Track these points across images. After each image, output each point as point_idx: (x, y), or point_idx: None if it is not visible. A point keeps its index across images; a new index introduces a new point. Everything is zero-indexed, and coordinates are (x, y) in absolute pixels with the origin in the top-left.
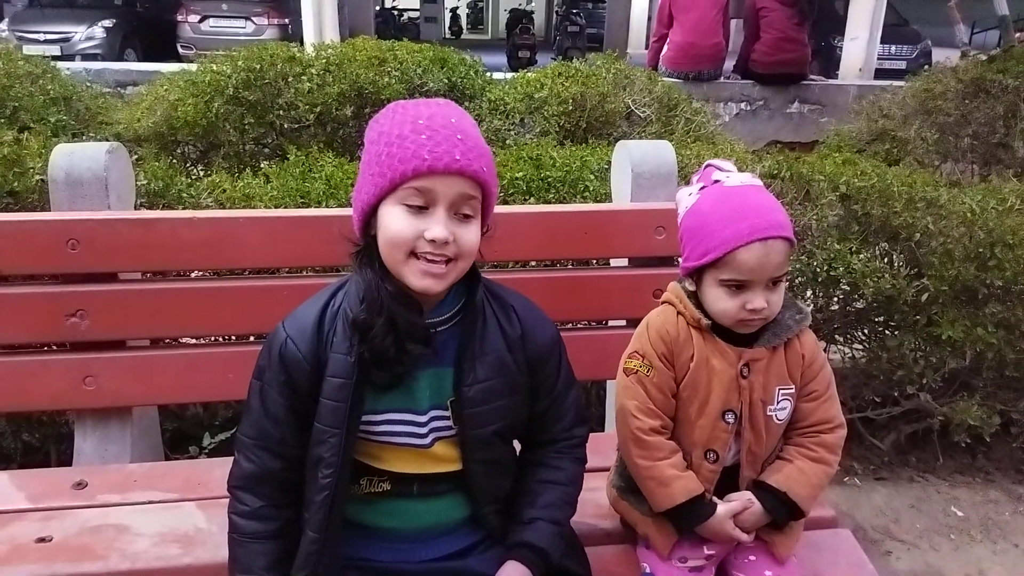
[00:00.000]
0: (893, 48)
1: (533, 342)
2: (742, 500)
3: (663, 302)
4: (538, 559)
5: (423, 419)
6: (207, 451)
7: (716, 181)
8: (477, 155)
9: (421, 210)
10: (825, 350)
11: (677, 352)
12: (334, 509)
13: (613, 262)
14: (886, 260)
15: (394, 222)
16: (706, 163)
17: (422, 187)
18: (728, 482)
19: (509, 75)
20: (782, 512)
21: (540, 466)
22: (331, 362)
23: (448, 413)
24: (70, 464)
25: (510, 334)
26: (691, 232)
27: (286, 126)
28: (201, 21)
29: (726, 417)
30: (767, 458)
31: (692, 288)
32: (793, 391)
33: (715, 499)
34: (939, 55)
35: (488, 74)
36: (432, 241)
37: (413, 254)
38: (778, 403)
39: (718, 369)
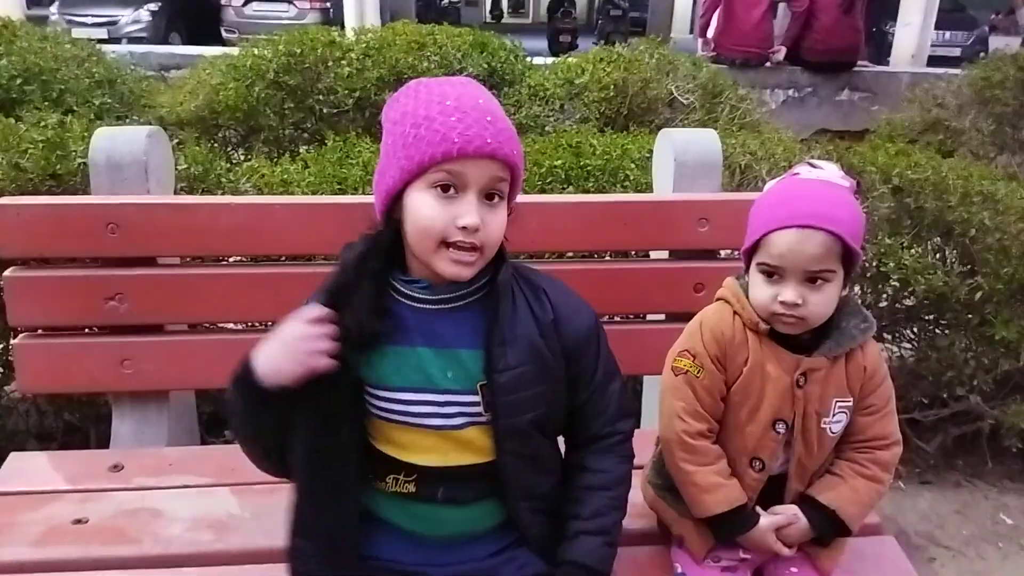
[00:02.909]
0: (947, 34)
1: (567, 329)
2: (787, 514)
3: (718, 298)
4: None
5: (442, 399)
6: None
7: (795, 174)
8: (507, 137)
9: (450, 194)
10: None
11: (731, 355)
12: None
13: (653, 254)
14: (939, 256)
15: (424, 209)
16: (805, 159)
17: (453, 171)
18: (773, 491)
19: (549, 60)
20: (828, 529)
21: (583, 471)
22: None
23: (478, 398)
24: (108, 445)
25: (541, 319)
26: (749, 219)
27: (325, 111)
28: (244, 5)
29: (776, 427)
30: (816, 470)
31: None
32: (851, 404)
33: (759, 510)
34: (996, 42)
35: (528, 59)
36: (464, 228)
37: (443, 243)
38: (834, 416)
39: (773, 376)
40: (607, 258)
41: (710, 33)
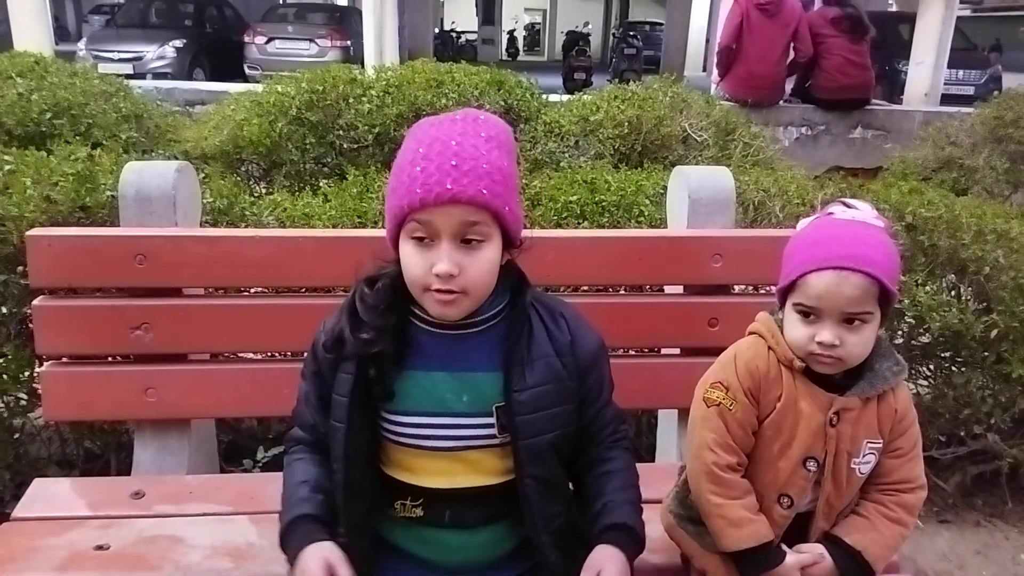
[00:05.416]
0: (961, 73)
1: (582, 348)
2: (813, 553)
3: (751, 332)
4: (626, 537)
5: (454, 422)
6: (260, 465)
7: (830, 213)
8: (474, 178)
9: (427, 244)
10: None
11: (765, 389)
12: (351, 505)
13: (667, 289)
14: (953, 293)
15: (406, 259)
16: (839, 198)
17: (422, 220)
18: (798, 529)
19: (565, 97)
20: (854, 570)
21: (596, 462)
22: (339, 349)
23: (493, 420)
24: (128, 472)
25: (559, 340)
26: (784, 257)
27: (345, 146)
28: (267, 42)
29: (807, 464)
30: (842, 510)
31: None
32: (880, 445)
33: (784, 547)
34: (1010, 80)
35: (544, 96)
36: (439, 275)
37: (426, 289)
38: (864, 456)
39: (806, 413)
40: (622, 292)
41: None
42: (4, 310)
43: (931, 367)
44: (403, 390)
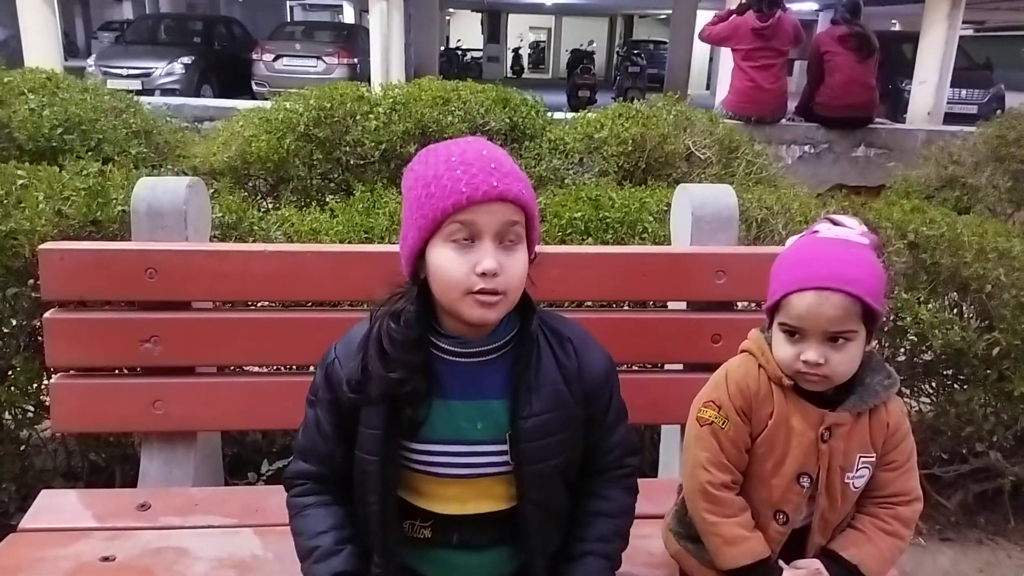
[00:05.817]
0: (964, 92)
1: (589, 373)
2: (810, 569)
3: (743, 350)
4: None
5: (469, 449)
6: (265, 478)
7: (815, 231)
8: (514, 179)
9: (468, 245)
10: None
11: (756, 407)
12: (387, 535)
13: (671, 305)
14: (956, 311)
15: (444, 263)
16: (825, 215)
17: (465, 220)
18: (794, 544)
19: (569, 115)
20: None
21: (590, 496)
22: (368, 389)
23: (506, 447)
24: (133, 484)
25: (567, 367)
26: (770, 276)
27: (352, 162)
28: (275, 60)
29: (801, 480)
30: (838, 524)
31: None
32: (874, 459)
33: (781, 563)
34: (1013, 100)
35: (549, 114)
36: (483, 274)
37: (467, 292)
38: (857, 471)
39: (798, 430)
40: (625, 308)
41: (721, 95)
42: (15, 323)
43: (933, 385)
44: (424, 419)
